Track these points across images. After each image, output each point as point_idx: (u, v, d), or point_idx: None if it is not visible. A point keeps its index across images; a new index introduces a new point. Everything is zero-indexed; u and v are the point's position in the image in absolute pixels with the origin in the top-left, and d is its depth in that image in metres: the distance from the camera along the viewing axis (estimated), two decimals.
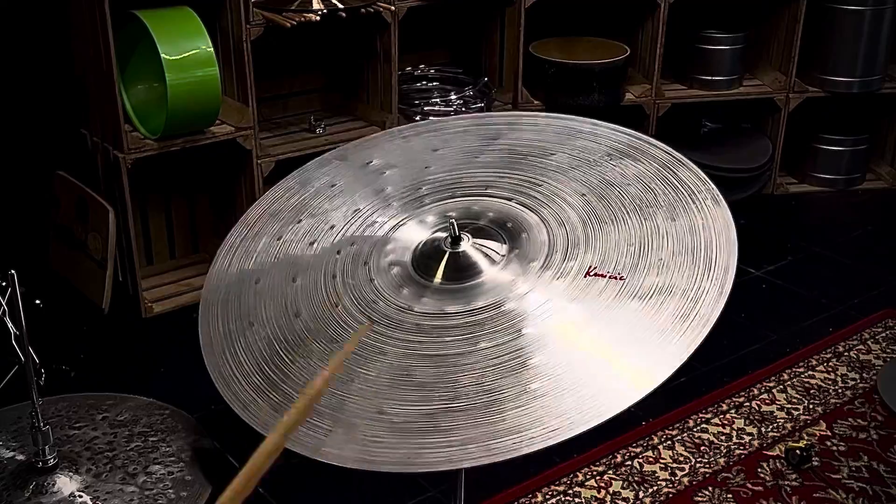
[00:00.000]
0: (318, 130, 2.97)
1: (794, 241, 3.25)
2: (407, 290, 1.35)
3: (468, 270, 1.35)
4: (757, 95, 3.51)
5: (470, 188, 1.49)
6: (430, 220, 1.45)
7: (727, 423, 2.30)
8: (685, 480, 2.11)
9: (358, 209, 1.50)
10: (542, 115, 1.65)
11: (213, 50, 2.58)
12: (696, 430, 2.27)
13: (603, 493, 2.07)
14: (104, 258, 2.70)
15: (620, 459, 2.17)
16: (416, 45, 3.20)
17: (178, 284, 2.90)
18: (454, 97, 3.14)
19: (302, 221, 1.52)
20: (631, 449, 2.20)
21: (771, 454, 2.19)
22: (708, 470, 2.14)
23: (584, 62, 3.23)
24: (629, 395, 1.16)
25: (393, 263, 1.39)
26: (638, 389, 1.16)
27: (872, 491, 2.07)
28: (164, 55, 2.50)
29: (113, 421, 2.17)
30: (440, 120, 1.66)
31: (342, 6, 2.74)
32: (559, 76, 3.22)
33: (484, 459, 1.15)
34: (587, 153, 1.51)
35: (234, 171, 2.85)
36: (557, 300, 1.27)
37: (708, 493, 2.07)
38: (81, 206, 2.78)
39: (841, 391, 2.42)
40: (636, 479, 2.11)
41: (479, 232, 1.39)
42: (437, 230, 1.42)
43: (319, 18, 2.70)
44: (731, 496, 2.06)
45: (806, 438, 2.23)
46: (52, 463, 1.96)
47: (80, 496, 1.93)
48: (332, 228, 1.48)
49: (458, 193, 1.48)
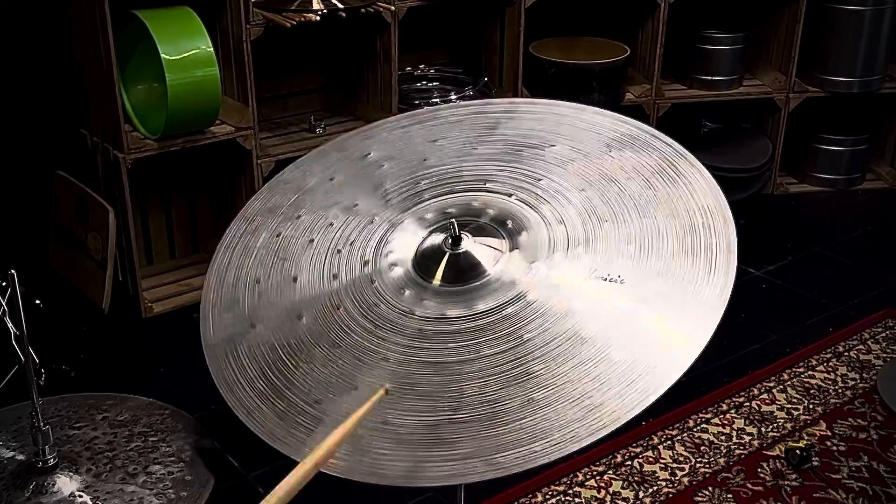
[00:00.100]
0: (318, 130, 2.97)
1: (794, 241, 3.25)
2: (408, 291, 1.33)
3: (469, 272, 1.33)
4: (757, 95, 3.51)
5: (469, 182, 1.47)
6: (429, 216, 1.43)
7: (727, 423, 2.30)
8: (685, 480, 2.11)
9: (357, 204, 1.48)
10: (539, 101, 1.62)
11: (213, 50, 2.58)
12: (696, 430, 2.27)
13: (603, 493, 2.07)
14: (104, 258, 2.70)
15: (620, 459, 2.17)
16: (416, 45, 3.20)
17: (178, 284, 2.90)
18: (454, 97, 3.14)
19: (301, 217, 1.50)
20: (631, 449, 2.20)
21: (771, 454, 2.19)
22: (708, 470, 2.14)
23: (584, 62, 3.23)
24: (637, 403, 1.15)
25: (393, 264, 1.38)
26: (643, 401, 1.15)
27: (872, 491, 2.07)
28: (164, 55, 2.50)
29: (113, 421, 2.17)
30: (438, 108, 1.63)
31: (342, 6, 2.74)
32: (559, 76, 3.22)
33: (489, 474, 1.14)
34: (587, 144, 1.48)
35: (234, 171, 2.85)
36: (558, 304, 1.26)
37: (708, 493, 2.07)
38: (81, 206, 2.78)
39: (841, 391, 2.42)
40: (636, 479, 2.11)
41: (479, 231, 1.37)
42: (437, 228, 1.40)
43: (319, 18, 2.70)
44: (731, 496, 2.06)
45: (806, 438, 2.23)
46: (52, 463, 1.96)
47: (80, 496, 1.93)
48: (331, 226, 1.47)
49: (456, 189, 1.46)
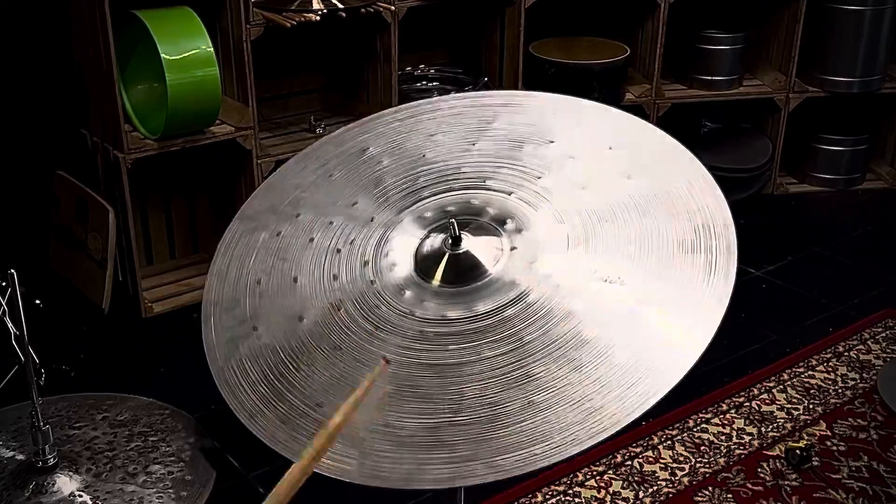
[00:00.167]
0: (318, 130, 2.97)
1: (794, 241, 3.25)
2: (408, 292, 1.33)
3: (470, 272, 1.33)
4: (757, 95, 3.51)
5: (468, 180, 1.45)
6: (429, 215, 1.42)
7: (727, 423, 2.30)
8: (685, 480, 2.11)
9: (356, 202, 1.47)
10: (538, 94, 1.59)
11: (213, 50, 2.58)
12: (696, 430, 2.27)
13: (603, 493, 2.07)
14: (104, 258, 2.70)
15: (620, 459, 2.17)
16: (416, 45, 3.20)
17: (178, 284, 2.90)
18: None
19: (300, 216, 1.48)
20: (631, 449, 2.20)
21: (771, 454, 2.19)
22: (708, 470, 2.14)
23: (584, 62, 3.23)
24: (637, 406, 1.15)
25: (393, 265, 1.37)
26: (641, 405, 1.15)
27: (872, 491, 2.07)
28: (164, 55, 2.50)
29: (113, 421, 2.17)
30: (436, 100, 1.62)
31: (342, 6, 2.74)
32: (559, 76, 3.22)
33: (489, 477, 1.14)
34: (587, 142, 1.47)
35: (234, 171, 2.85)
36: (559, 305, 1.26)
37: (708, 493, 2.07)
38: (81, 206, 2.78)
39: (841, 391, 2.42)
40: (636, 479, 2.11)
41: (479, 231, 1.37)
42: (437, 227, 1.40)
43: (319, 18, 2.70)
44: (731, 496, 2.06)
45: (806, 438, 2.23)
46: (52, 462, 1.96)
47: (79, 496, 1.93)
48: (330, 224, 1.46)
49: (456, 186, 1.45)
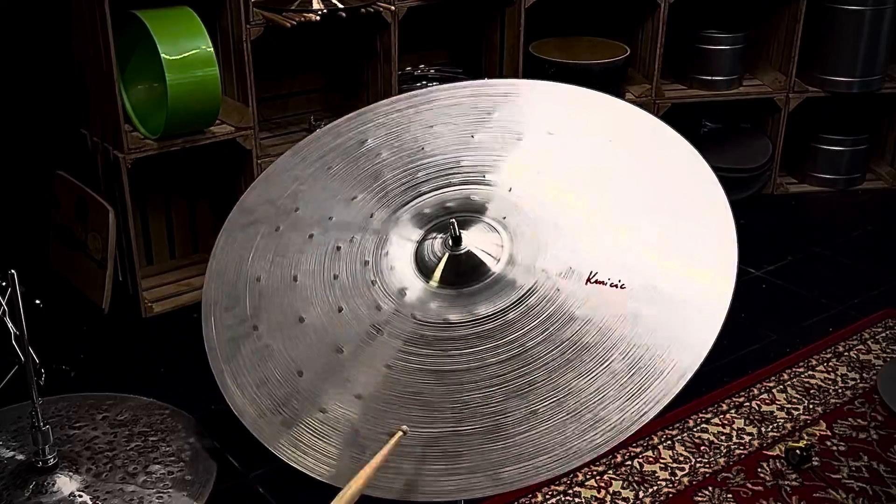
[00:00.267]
0: (318, 130, 2.96)
1: (794, 241, 3.25)
2: (408, 293, 1.32)
3: (470, 273, 1.31)
4: (757, 95, 3.51)
5: (467, 174, 1.44)
6: (428, 211, 1.41)
7: (727, 423, 2.30)
8: (685, 480, 2.11)
9: (355, 197, 1.45)
10: (538, 83, 1.58)
11: (213, 50, 2.58)
12: (696, 429, 2.27)
13: (603, 493, 2.07)
14: (104, 258, 2.70)
15: (620, 459, 2.17)
16: (416, 45, 3.20)
17: (178, 284, 2.90)
18: None
19: (299, 210, 1.47)
20: (631, 449, 2.20)
21: (771, 454, 2.19)
22: (708, 470, 2.14)
23: (583, 62, 3.23)
24: (639, 417, 1.15)
25: (393, 265, 1.36)
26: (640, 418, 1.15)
27: (872, 491, 2.07)
28: (164, 55, 2.50)
29: (113, 421, 2.17)
30: (434, 90, 1.61)
31: (342, 6, 2.74)
32: (559, 76, 3.21)
33: (488, 491, 1.13)
34: (586, 136, 1.46)
35: (234, 171, 2.85)
36: (560, 309, 1.25)
37: (708, 492, 2.07)
38: (81, 206, 2.78)
39: (841, 391, 2.42)
40: (636, 478, 2.11)
41: (480, 230, 1.35)
42: (437, 226, 1.39)
43: (319, 18, 2.70)
44: (731, 496, 2.06)
45: (806, 438, 2.23)
46: (52, 462, 1.96)
47: (79, 496, 1.93)
48: (330, 220, 1.44)
49: (455, 181, 1.44)
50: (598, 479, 2.10)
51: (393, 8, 2.85)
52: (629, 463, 2.16)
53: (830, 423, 2.30)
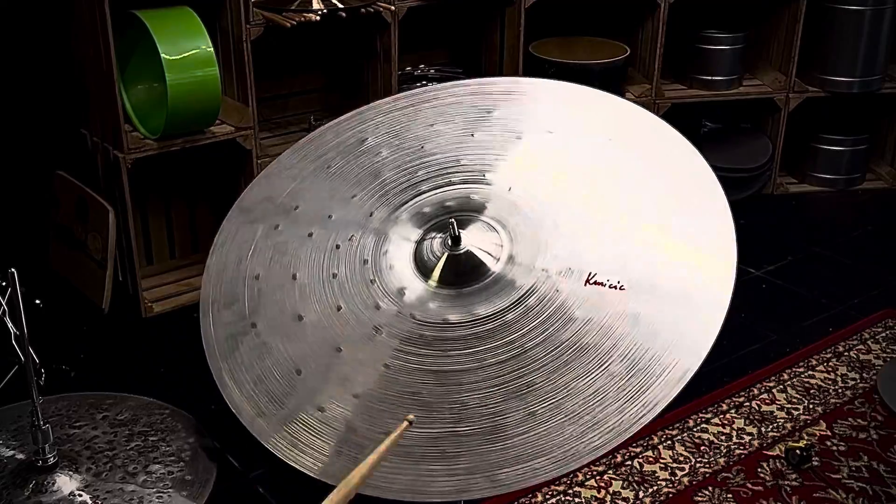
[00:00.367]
0: (318, 129, 2.96)
1: (794, 241, 3.25)
2: (408, 293, 1.32)
3: (470, 273, 1.31)
4: (757, 95, 3.51)
5: (467, 173, 1.44)
6: (428, 210, 1.41)
7: (727, 422, 2.30)
8: (685, 480, 2.11)
9: (354, 196, 1.45)
10: (537, 81, 1.59)
11: (213, 50, 2.58)
12: (696, 429, 2.27)
13: (603, 492, 2.06)
14: (104, 258, 2.70)
15: (620, 459, 2.17)
16: (416, 45, 3.20)
17: (178, 284, 2.90)
18: None
19: (298, 208, 1.47)
20: (631, 449, 2.20)
21: (771, 454, 2.19)
22: (708, 470, 2.14)
23: (583, 62, 3.23)
24: (637, 420, 1.15)
25: (392, 264, 1.36)
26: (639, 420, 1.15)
27: (872, 491, 2.07)
28: (164, 55, 2.50)
29: (113, 420, 2.17)
30: (434, 88, 1.61)
31: (342, 6, 2.74)
32: (559, 76, 3.21)
33: (486, 492, 1.13)
34: (586, 135, 1.46)
35: (234, 171, 2.85)
36: (559, 310, 1.25)
37: (708, 492, 2.07)
38: (81, 206, 2.78)
39: (841, 391, 2.42)
40: (636, 478, 2.11)
41: (479, 230, 1.35)
42: (436, 225, 1.38)
43: (319, 18, 2.70)
44: (731, 496, 2.06)
45: (806, 438, 2.23)
46: (51, 462, 1.96)
47: (79, 495, 1.93)
48: (329, 218, 1.44)
49: (454, 180, 1.44)
50: (598, 479, 2.10)
51: (393, 8, 2.85)
52: (629, 463, 2.16)
53: (830, 423, 2.29)
